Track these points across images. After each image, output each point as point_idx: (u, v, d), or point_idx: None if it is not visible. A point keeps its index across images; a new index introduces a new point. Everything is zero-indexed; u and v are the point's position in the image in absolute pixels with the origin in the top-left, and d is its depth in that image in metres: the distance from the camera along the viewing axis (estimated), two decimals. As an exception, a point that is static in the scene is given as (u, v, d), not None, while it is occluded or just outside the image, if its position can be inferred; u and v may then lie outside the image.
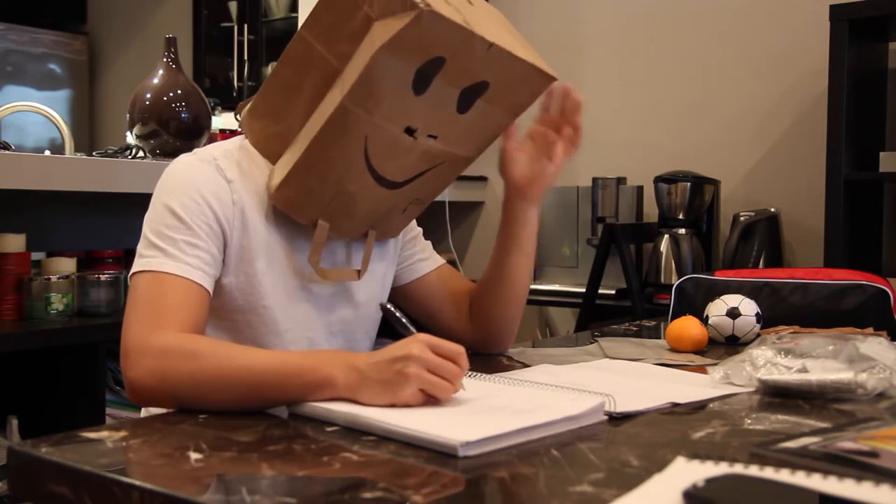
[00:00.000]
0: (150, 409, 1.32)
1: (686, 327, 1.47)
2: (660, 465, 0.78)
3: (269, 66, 3.77)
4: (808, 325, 1.51)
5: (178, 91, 2.22)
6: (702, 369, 1.29)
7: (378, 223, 1.32)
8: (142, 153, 2.19)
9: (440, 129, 1.22)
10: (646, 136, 2.81)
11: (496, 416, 0.97)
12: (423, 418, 0.93)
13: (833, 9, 2.14)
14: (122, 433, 0.94)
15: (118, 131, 3.40)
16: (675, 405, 1.08)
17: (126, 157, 2.18)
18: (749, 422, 1.02)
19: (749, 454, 0.87)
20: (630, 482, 0.76)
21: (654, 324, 1.80)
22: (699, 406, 1.09)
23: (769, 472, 0.73)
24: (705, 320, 1.52)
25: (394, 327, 1.13)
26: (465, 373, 1.04)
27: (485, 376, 1.13)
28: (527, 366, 1.31)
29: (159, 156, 2.20)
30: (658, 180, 2.51)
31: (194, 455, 0.86)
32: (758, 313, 1.51)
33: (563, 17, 2.99)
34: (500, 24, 1.24)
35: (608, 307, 2.55)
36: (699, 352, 1.45)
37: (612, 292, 2.58)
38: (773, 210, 2.43)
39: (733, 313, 1.50)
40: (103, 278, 2.08)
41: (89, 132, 4.15)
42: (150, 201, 1.23)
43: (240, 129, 1.34)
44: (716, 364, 1.24)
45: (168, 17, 3.92)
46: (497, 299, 1.41)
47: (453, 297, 1.47)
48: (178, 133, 2.18)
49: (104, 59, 4.21)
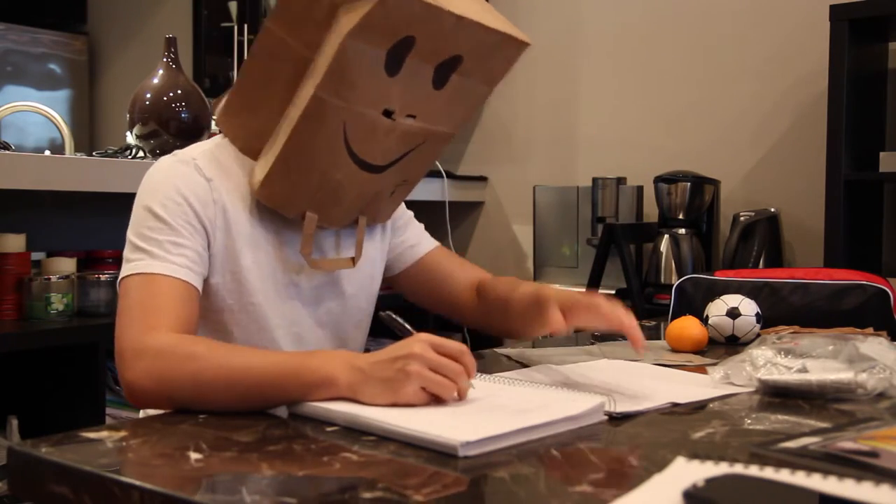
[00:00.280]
0: (149, 410, 1.32)
1: (686, 327, 1.47)
2: (660, 465, 0.78)
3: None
4: (808, 325, 1.51)
5: (178, 91, 2.22)
6: (702, 369, 1.29)
7: (367, 208, 1.32)
8: (142, 153, 2.19)
9: (418, 107, 1.22)
10: (646, 136, 2.81)
11: (496, 416, 0.97)
12: (424, 418, 0.93)
13: (833, 9, 2.14)
14: (122, 433, 0.94)
15: (118, 131, 3.39)
16: (675, 405, 1.08)
17: (126, 157, 2.17)
18: (749, 422, 1.02)
19: (749, 454, 0.87)
20: (630, 482, 0.76)
21: (654, 324, 1.80)
22: (699, 406, 1.09)
23: (769, 472, 0.73)
24: (705, 320, 1.52)
25: (397, 333, 1.13)
26: (474, 372, 1.03)
27: (485, 376, 1.13)
28: (526, 366, 1.31)
29: (159, 156, 2.19)
30: (658, 180, 2.51)
31: (194, 455, 0.86)
32: (758, 313, 1.52)
33: (562, 18, 2.99)
34: None
35: (608, 307, 2.54)
36: (699, 352, 1.45)
37: (612, 292, 2.58)
38: (773, 210, 2.43)
39: (733, 313, 1.50)
40: (103, 278, 2.08)
41: (89, 132, 4.15)
42: (134, 203, 1.23)
43: (216, 128, 1.33)
44: (716, 364, 1.24)
45: (168, 17, 3.92)
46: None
47: (450, 279, 1.46)
48: (178, 133, 2.18)
49: (104, 59, 4.20)
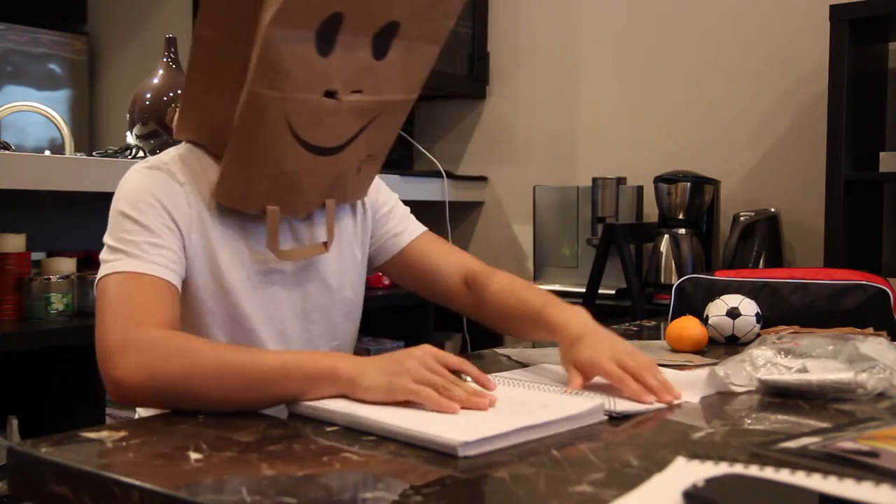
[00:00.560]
0: (147, 411, 1.32)
1: (686, 327, 1.47)
2: (660, 465, 0.78)
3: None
4: (808, 325, 1.51)
5: (178, 91, 2.21)
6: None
7: (333, 190, 1.30)
8: (142, 153, 2.19)
9: (362, 81, 1.19)
10: (646, 136, 2.81)
11: (496, 416, 0.97)
12: (423, 418, 0.93)
13: (833, 9, 2.14)
14: (122, 433, 0.94)
15: (118, 131, 3.39)
16: (676, 405, 1.08)
17: (126, 157, 2.17)
18: (749, 422, 1.02)
19: (749, 454, 0.87)
20: (630, 482, 0.76)
21: (654, 324, 1.80)
22: (699, 406, 1.09)
23: (769, 472, 0.73)
24: (705, 320, 1.52)
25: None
26: (488, 382, 1.06)
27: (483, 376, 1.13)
28: (526, 366, 1.31)
29: (159, 156, 2.20)
30: (658, 180, 2.51)
31: (194, 455, 0.86)
32: (758, 313, 1.52)
33: (562, 18, 2.99)
34: None
35: (608, 307, 2.54)
36: (699, 352, 1.45)
37: (612, 292, 2.58)
38: (773, 210, 2.43)
39: (733, 313, 1.50)
40: (103, 278, 2.07)
41: (89, 132, 4.14)
42: (108, 216, 1.22)
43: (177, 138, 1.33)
44: (716, 364, 1.24)
45: (168, 17, 3.91)
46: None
47: (436, 268, 1.44)
48: (174, 136, 2.18)
49: (104, 59, 4.20)
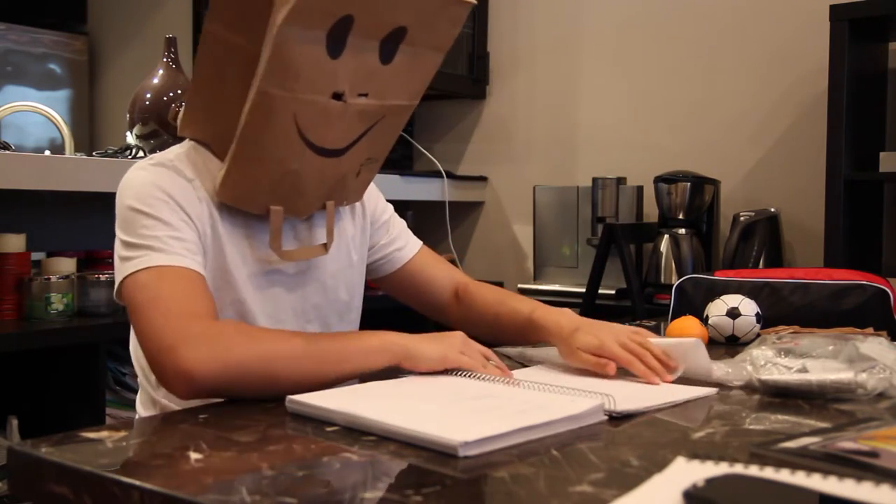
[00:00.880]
0: (149, 410, 1.31)
1: (686, 327, 1.47)
2: (660, 465, 0.78)
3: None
4: (808, 325, 1.51)
5: (178, 91, 2.22)
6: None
7: (334, 192, 1.31)
8: (142, 153, 2.19)
9: (369, 85, 1.20)
10: (646, 136, 2.81)
11: (496, 416, 0.97)
12: (423, 418, 0.93)
13: (833, 9, 2.14)
14: (122, 433, 0.94)
15: (118, 131, 3.39)
16: (676, 405, 1.08)
17: (126, 157, 2.17)
18: (749, 422, 1.02)
19: (749, 454, 0.87)
20: (630, 482, 0.76)
21: (654, 324, 1.80)
22: (699, 406, 1.09)
23: (769, 472, 0.73)
24: (705, 320, 1.52)
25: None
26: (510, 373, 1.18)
27: (485, 376, 1.13)
28: (526, 366, 1.32)
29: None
30: (658, 180, 2.51)
31: (194, 455, 0.86)
32: (758, 313, 1.52)
33: (562, 18, 2.99)
34: None
35: (608, 307, 2.55)
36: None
37: (612, 292, 2.58)
38: (773, 210, 2.43)
39: (733, 313, 1.50)
40: (103, 278, 2.07)
41: (89, 132, 4.14)
42: (116, 212, 1.22)
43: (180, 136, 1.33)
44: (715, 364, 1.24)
45: (168, 17, 3.91)
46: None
47: (433, 281, 1.50)
48: (177, 133, 2.18)
49: (104, 59, 4.20)
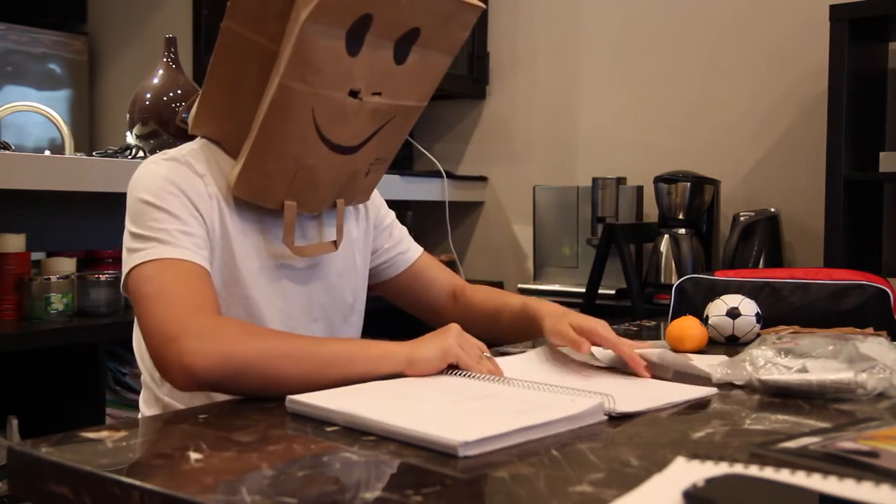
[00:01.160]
0: (152, 409, 1.32)
1: (686, 327, 1.47)
2: (660, 465, 0.78)
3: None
4: (808, 325, 1.51)
5: (178, 91, 2.22)
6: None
7: (344, 191, 1.33)
8: (142, 153, 2.19)
9: (383, 84, 1.23)
10: (646, 136, 2.81)
11: (496, 416, 0.97)
12: (423, 418, 0.93)
13: (833, 9, 2.14)
14: (122, 433, 0.94)
15: (118, 131, 3.39)
16: (676, 405, 1.08)
17: (126, 157, 2.17)
18: (749, 422, 1.02)
19: (749, 454, 0.87)
20: (630, 482, 0.76)
21: (654, 324, 1.80)
22: (699, 406, 1.09)
23: (769, 472, 0.73)
24: (705, 320, 1.52)
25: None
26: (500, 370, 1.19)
27: (485, 376, 1.13)
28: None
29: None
30: (658, 180, 2.51)
31: (194, 455, 0.86)
32: (758, 313, 1.51)
33: (562, 18, 2.99)
34: None
35: (608, 307, 2.55)
36: (699, 352, 1.45)
37: (612, 292, 2.58)
38: (773, 210, 2.43)
39: (733, 313, 1.50)
40: (103, 278, 2.07)
41: (89, 132, 4.14)
42: (126, 204, 1.23)
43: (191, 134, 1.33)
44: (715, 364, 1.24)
45: (168, 17, 3.91)
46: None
47: (433, 284, 1.54)
48: (177, 133, 2.18)
49: (104, 59, 4.20)
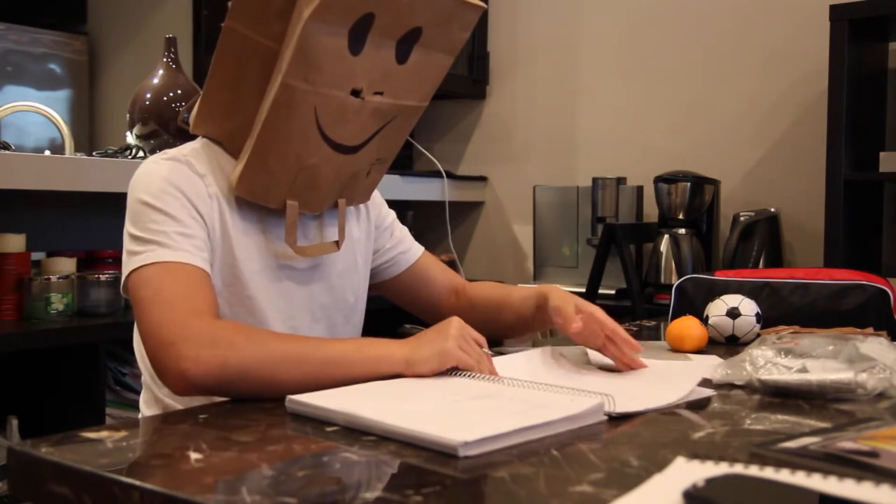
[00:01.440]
0: (152, 409, 1.31)
1: (686, 327, 1.47)
2: (660, 465, 0.78)
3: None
4: (808, 325, 1.51)
5: (178, 91, 2.22)
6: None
7: (345, 191, 1.33)
8: (142, 153, 2.19)
9: (384, 84, 1.23)
10: (646, 136, 2.81)
11: (496, 416, 0.97)
12: (423, 418, 0.93)
13: (833, 9, 2.14)
14: (122, 433, 0.94)
15: (118, 131, 3.39)
16: (676, 405, 1.08)
17: (126, 157, 2.17)
18: (749, 422, 1.02)
19: (749, 454, 0.87)
20: (630, 482, 0.76)
21: (654, 324, 1.80)
22: (699, 406, 1.09)
23: (769, 472, 0.73)
24: (705, 320, 1.52)
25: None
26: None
27: (484, 377, 1.13)
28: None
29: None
30: (658, 180, 2.51)
31: (194, 455, 0.86)
32: (758, 313, 1.51)
33: (562, 18, 2.99)
34: None
35: (608, 307, 2.52)
36: (699, 352, 1.45)
37: (612, 292, 2.58)
38: (773, 210, 2.43)
39: (733, 313, 1.50)
40: (103, 278, 2.07)
41: (89, 132, 4.14)
42: (127, 204, 1.23)
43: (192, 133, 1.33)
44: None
45: (168, 17, 3.91)
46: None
47: (434, 283, 1.54)
48: (178, 133, 2.18)
49: (104, 59, 4.20)
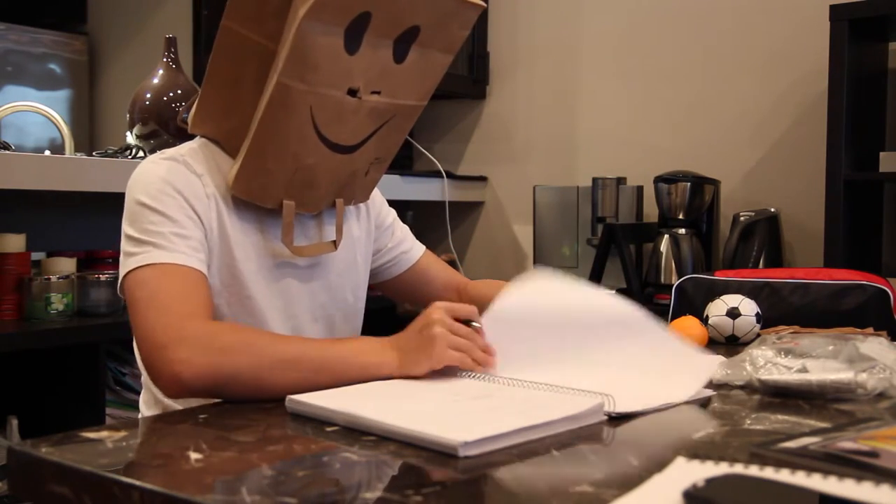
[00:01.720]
0: (152, 409, 1.32)
1: (686, 327, 1.47)
2: (660, 465, 0.78)
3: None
4: (808, 325, 1.51)
5: (178, 91, 2.21)
6: None
7: (343, 190, 1.33)
8: (142, 153, 2.19)
9: (382, 83, 1.22)
10: (646, 136, 2.81)
11: (496, 416, 0.97)
12: (424, 418, 0.93)
13: (833, 9, 2.14)
14: (122, 433, 0.94)
15: (118, 131, 3.39)
16: (675, 405, 1.08)
17: (126, 157, 2.17)
18: (749, 422, 1.02)
19: (749, 454, 0.86)
20: (630, 482, 0.76)
21: (654, 324, 1.80)
22: (699, 406, 1.09)
23: (769, 472, 0.73)
24: (705, 320, 1.52)
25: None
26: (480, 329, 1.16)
27: (484, 376, 1.13)
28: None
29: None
30: (658, 180, 2.51)
31: (194, 455, 0.86)
32: (758, 313, 1.52)
33: (562, 18, 2.99)
34: None
35: (608, 307, 2.54)
36: (699, 352, 1.45)
37: (612, 292, 2.58)
38: (773, 210, 2.43)
39: (733, 313, 1.50)
40: (103, 278, 2.07)
41: (89, 132, 4.14)
42: (125, 204, 1.23)
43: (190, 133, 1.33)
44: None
45: (168, 17, 3.91)
46: None
47: (435, 282, 1.54)
48: (178, 133, 2.18)
49: (104, 59, 4.20)
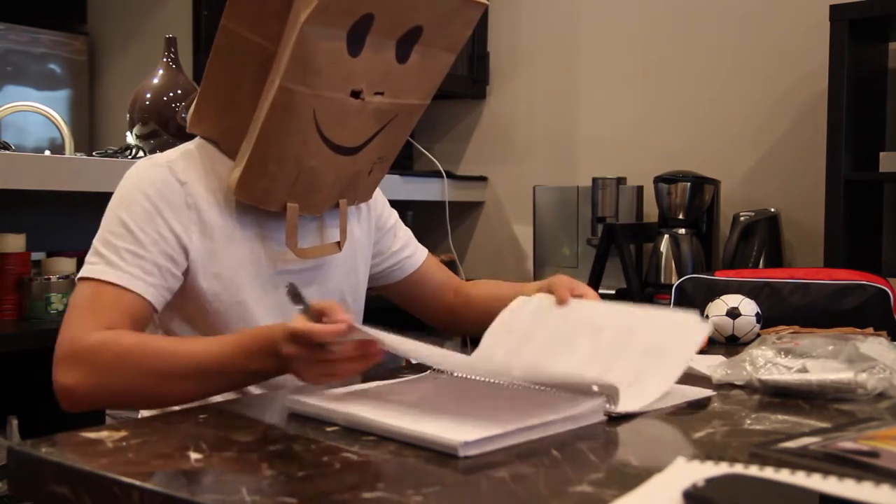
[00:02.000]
0: (146, 411, 1.32)
1: (686, 327, 1.46)
2: (660, 465, 0.78)
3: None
4: (808, 325, 1.51)
5: (178, 91, 2.21)
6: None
7: (346, 191, 1.32)
8: (142, 153, 2.19)
9: (385, 84, 1.22)
10: (646, 136, 2.81)
11: (496, 415, 0.96)
12: (423, 418, 0.93)
13: (833, 9, 2.14)
14: (122, 433, 0.94)
15: (118, 131, 3.39)
16: (675, 405, 1.08)
17: (126, 157, 2.17)
18: (749, 422, 1.02)
19: (749, 454, 0.87)
20: (630, 482, 0.76)
21: (654, 324, 1.80)
22: (699, 406, 1.09)
23: (769, 472, 0.73)
24: (705, 320, 1.52)
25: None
26: (348, 332, 0.99)
27: (485, 377, 1.13)
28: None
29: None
30: (658, 180, 2.51)
31: (194, 455, 0.86)
32: (758, 313, 1.52)
33: (562, 18, 2.99)
34: None
35: (608, 307, 2.54)
36: (699, 352, 1.44)
37: (612, 292, 2.58)
38: (773, 210, 2.43)
39: (733, 313, 1.50)
40: (103, 278, 2.07)
41: (89, 132, 4.14)
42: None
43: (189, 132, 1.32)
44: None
45: (168, 17, 3.91)
46: None
47: (437, 286, 1.54)
48: (178, 133, 2.18)
49: (104, 59, 4.20)
